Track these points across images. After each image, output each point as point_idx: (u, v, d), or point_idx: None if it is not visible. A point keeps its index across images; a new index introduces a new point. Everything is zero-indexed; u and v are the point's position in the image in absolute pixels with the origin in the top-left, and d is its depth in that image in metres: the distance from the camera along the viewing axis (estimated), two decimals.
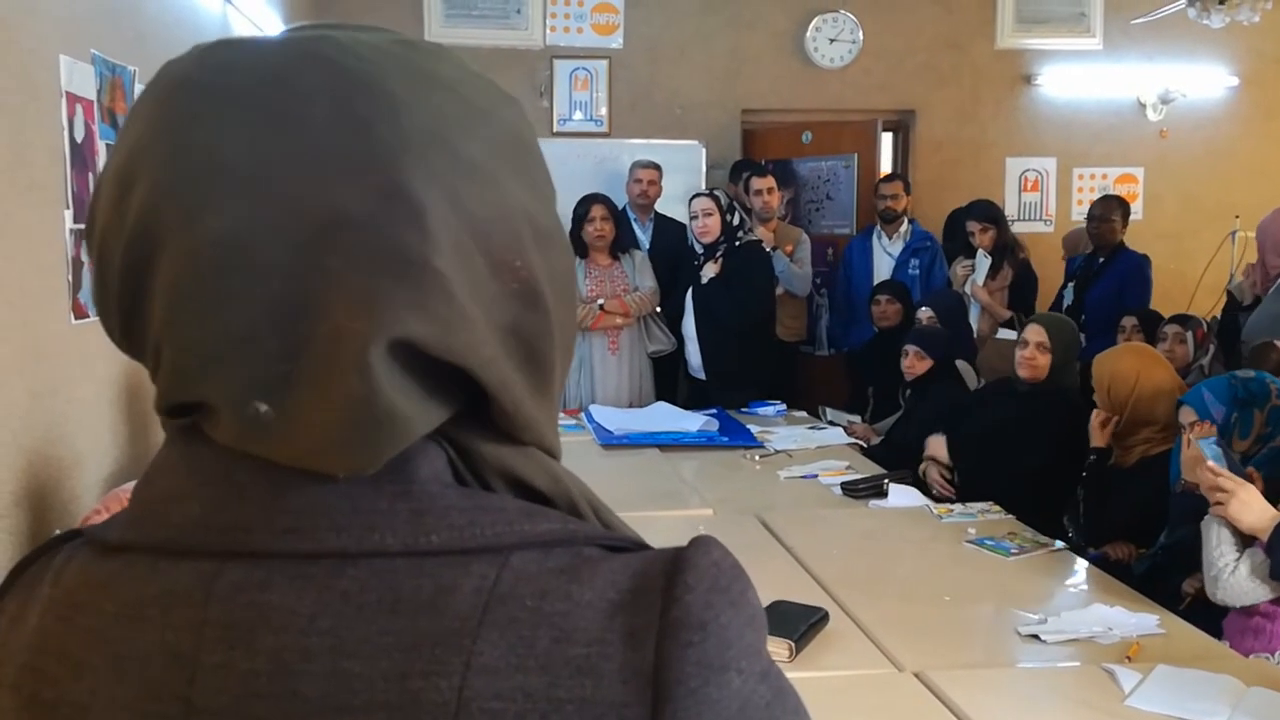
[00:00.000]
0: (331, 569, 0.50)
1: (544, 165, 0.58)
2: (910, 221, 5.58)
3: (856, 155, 6.05)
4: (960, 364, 4.41)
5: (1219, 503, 2.34)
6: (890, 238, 5.48)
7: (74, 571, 0.55)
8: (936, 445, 3.56)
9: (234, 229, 0.48)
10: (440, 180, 0.50)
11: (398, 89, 0.51)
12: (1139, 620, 2.31)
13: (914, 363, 4.19)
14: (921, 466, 3.70)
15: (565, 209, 5.02)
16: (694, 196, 4.98)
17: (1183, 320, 4.21)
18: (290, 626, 0.49)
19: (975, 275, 5.16)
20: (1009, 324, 4.93)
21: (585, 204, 4.89)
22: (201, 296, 0.49)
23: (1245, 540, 2.35)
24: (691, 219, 4.89)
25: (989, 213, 5.29)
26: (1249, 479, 2.42)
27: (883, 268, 5.44)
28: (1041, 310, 5.32)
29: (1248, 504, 2.31)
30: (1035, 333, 3.65)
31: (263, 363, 0.49)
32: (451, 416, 0.52)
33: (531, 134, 0.58)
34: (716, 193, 4.98)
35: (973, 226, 5.13)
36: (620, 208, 5.21)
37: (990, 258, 5.14)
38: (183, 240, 0.49)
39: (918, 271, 5.32)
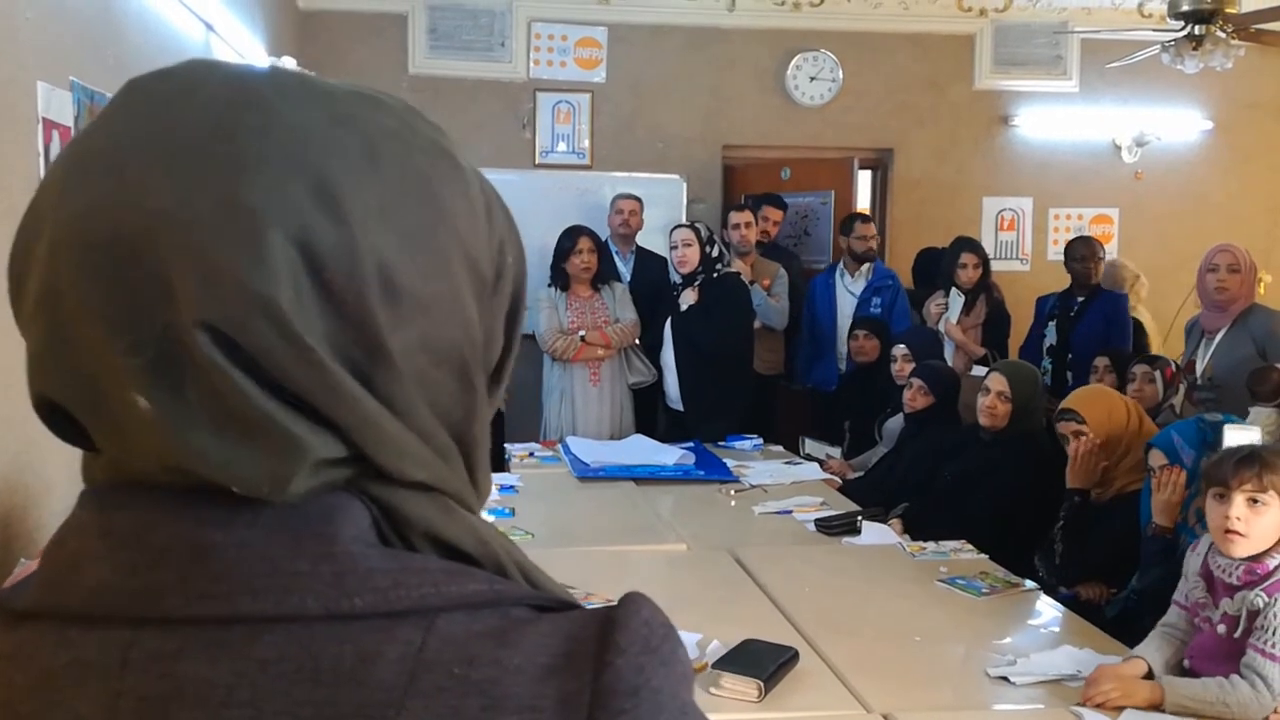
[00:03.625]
0: (247, 635, 0.48)
1: (455, 235, 0.54)
2: (873, 260, 5.62)
3: (833, 192, 6.10)
4: None
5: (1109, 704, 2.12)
6: (853, 276, 5.51)
7: None
8: (896, 525, 3.56)
9: (89, 206, 0.49)
10: (294, 210, 0.48)
11: (292, 116, 0.50)
12: (1108, 663, 2.31)
13: (915, 396, 4.18)
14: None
15: (548, 240, 5.04)
16: (675, 228, 5.04)
17: (1151, 360, 4.25)
18: (208, 699, 0.48)
19: (949, 313, 5.19)
20: (983, 361, 4.96)
21: (572, 236, 4.92)
22: (65, 270, 0.49)
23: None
24: (671, 249, 4.95)
25: (981, 248, 5.33)
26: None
27: (845, 305, 5.46)
28: (1015, 348, 5.37)
29: (1132, 694, 2.13)
30: (997, 382, 3.69)
31: (125, 351, 0.48)
32: (371, 472, 0.51)
33: (457, 200, 0.55)
34: (697, 225, 5.03)
35: (966, 259, 5.16)
36: (603, 240, 5.24)
37: (964, 295, 5.17)
38: (54, 214, 0.50)
39: (879, 310, 5.34)
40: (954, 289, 5.20)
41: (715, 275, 4.90)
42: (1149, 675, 2.23)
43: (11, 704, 0.51)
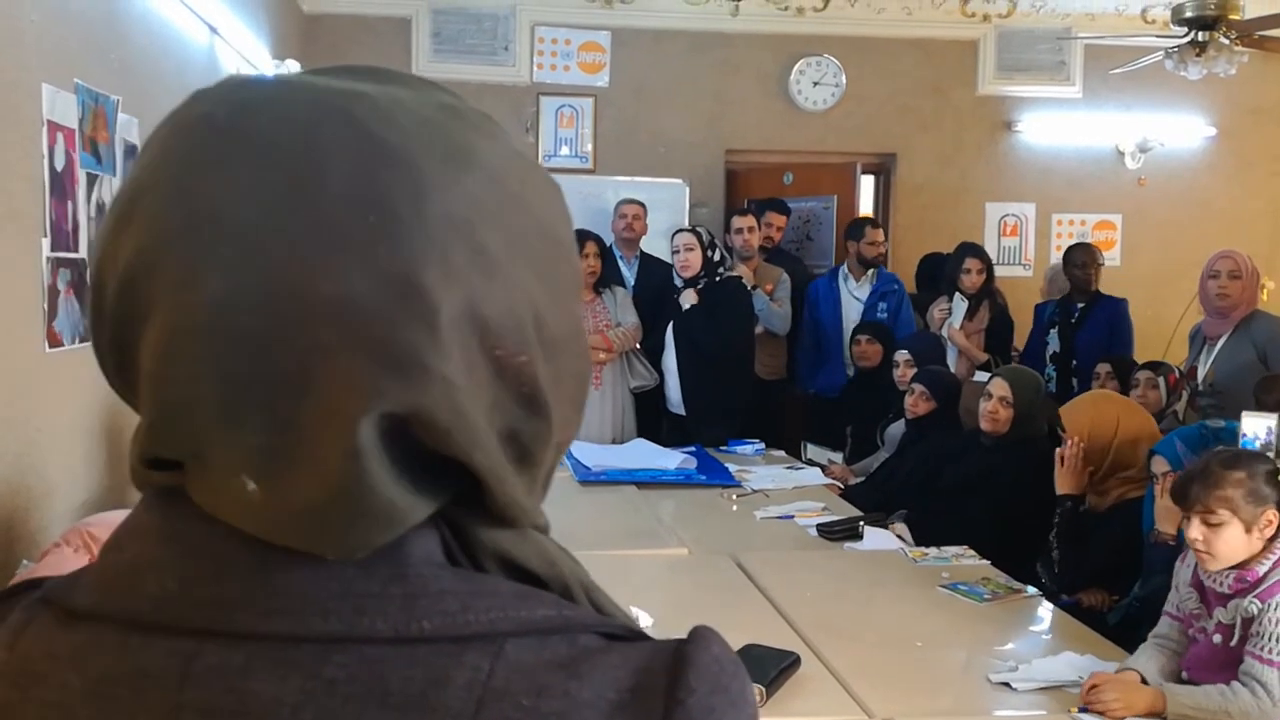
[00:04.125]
0: (317, 654, 0.48)
1: (572, 263, 0.55)
2: (879, 266, 5.61)
3: (836, 197, 6.10)
4: None
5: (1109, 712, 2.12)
6: (857, 281, 5.50)
7: (33, 637, 0.52)
8: (900, 530, 3.55)
9: (231, 293, 0.46)
10: (458, 278, 0.48)
11: (429, 167, 0.48)
12: (1109, 669, 2.30)
13: (917, 402, 4.18)
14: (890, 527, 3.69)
15: None
16: (676, 232, 5.05)
17: (1154, 366, 4.25)
18: (273, 716, 0.47)
19: (952, 318, 5.19)
20: (985, 367, 4.96)
21: (579, 241, 4.90)
22: (190, 356, 0.47)
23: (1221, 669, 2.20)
24: (673, 253, 4.96)
25: (985, 254, 5.33)
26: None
27: (851, 311, 5.45)
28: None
29: (1132, 703, 2.12)
30: (999, 387, 3.69)
31: (247, 433, 0.47)
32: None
33: (566, 227, 0.55)
34: (699, 229, 5.04)
35: (970, 264, 5.17)
36: (607, 245, 5.25)
37: (968, 301, 5.17)
38: (178, 296, 0.47)
39: (885, 314, 5.33)
40: (957, 294, 5.20)
41: (717, 279, 4.90)
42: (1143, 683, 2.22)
43: (66, 706, 0.50)
